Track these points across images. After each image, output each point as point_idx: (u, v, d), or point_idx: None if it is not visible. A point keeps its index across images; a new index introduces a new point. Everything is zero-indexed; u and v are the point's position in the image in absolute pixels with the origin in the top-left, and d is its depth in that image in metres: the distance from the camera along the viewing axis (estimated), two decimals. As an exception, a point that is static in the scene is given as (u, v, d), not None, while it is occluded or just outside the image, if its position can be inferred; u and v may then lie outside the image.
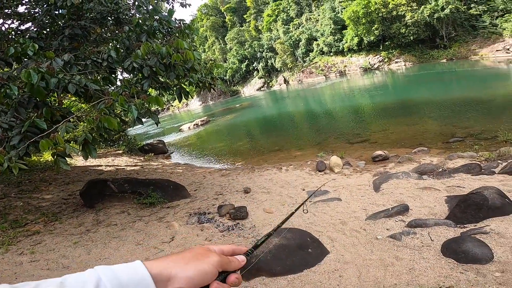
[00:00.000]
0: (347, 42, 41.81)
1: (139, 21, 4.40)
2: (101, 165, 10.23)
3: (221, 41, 64.14)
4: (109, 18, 5.10)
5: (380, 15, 36.58)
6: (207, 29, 65.47)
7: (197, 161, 11.82)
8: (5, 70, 3.98)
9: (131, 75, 4.55)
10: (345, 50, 43.05)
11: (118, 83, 4.95)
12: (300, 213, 4.53)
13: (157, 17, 4.58)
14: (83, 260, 3.78)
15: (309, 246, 3.22)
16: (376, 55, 40.09)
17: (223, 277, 0.54)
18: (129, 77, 5.05)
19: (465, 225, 3.13)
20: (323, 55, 46.43)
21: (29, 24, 5.42)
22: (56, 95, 3.86)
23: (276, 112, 23.77)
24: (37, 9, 5.29)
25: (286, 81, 50.54)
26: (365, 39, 39.31)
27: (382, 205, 4.25)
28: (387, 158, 7.34)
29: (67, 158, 3.06)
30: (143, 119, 3.85)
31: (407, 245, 3.01)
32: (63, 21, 5.02)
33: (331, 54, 45.34)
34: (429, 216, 3.60)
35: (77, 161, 10.62)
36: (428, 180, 5.08)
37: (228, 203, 5.27)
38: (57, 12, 4.83)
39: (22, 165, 2.72)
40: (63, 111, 3.68)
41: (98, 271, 0.44)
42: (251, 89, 55.18)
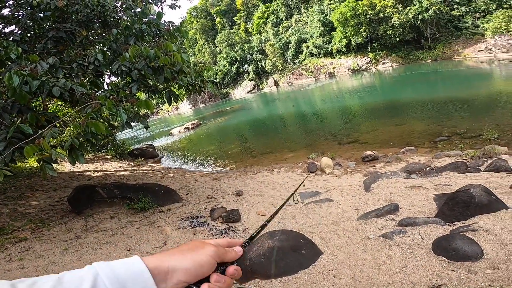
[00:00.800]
0: (335, 44, 42.46)
1: (128, 24, 4.34)
2: (89, 171, 10.00)
3: (211, 43, 64.03)
4: (95, 21, 5.01)
5: (367, 17, 37.37)
6: (197, 32, 65.28)
7: (188, 164, 11.71)
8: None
9: (119, 78, 4.47)
10: (333, 52, 43.69)
11: (105, 87, 4.86)
12: (292, 214, 4.54)
13: (145, 20, 4.53)
14: (73, 266, 3.70)
15: (303, 247, 3.22)
16: (364, 57, 40.84)
17: (222, 269, 0.54)
18: (117, 80, 4.97)
19: (454, 223, 3.19)
20: (313, 57, 46.98)
21: (13, 27, 5.27)
22: (41, 100, 3.76)
23: (267, 114, 23.85)
24: (21, 11, 5.15)
25: (276, 83, 50.83)
26: (353, 40, 40.02)
27: (373, 205, 4.29)
28: (377, 158, 7.44)
29: (53, 164, 2.97)
30: (132, 124, 3.79)
31: (399, 244, 3.05)
32: (47, 24, 4.90)
33: (320, 56, 45.93)
34: (418, 214, 3.66)
35: (64, 166, 10.35)
36: (416, 179, 5.18)
37: (220, 207, 5.23)
38: (42, 14, 4.71)
39: (7, 171, 2.63)
40: (49, 116, 3.58)
41: (96, 267, 0.44)
42: (242, 92, 55.22)
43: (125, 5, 5.08)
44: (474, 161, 5.65)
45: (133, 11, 5.02)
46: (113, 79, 5.56)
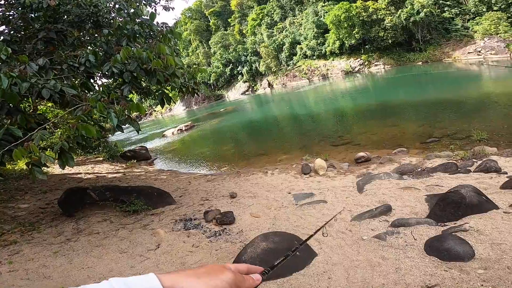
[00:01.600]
0: (329, 45, 42.80)
1: (120, 25, 4.29)
2: (80, 173, 9.84)
3: (205, 45, 63.87)
4: (87, 21, 4.94)
5: (360, 19, 37.79)
6: (191, 33, 65.06)
7: (182, 167, 11.62)
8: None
9: (111, 80, 4.42)
10: (327, 53, 44.03)
11: (96, 88, 4.79)
12: (286, 216, 4.55)
13: (138, 21, 4.49)
14: (64, 269, 3.64)
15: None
16: (357, 59, 41.26)
17: None
18: (109, 82, 4.91)
19: (445, 223, 3.24)
20: (306, 59, 47.26)
21: (3, 27, 5.16)
22: (31, 101, 3.68)
23: (261, 116, 23.87)
24: (12, 11, 5.05)
25: (270, 85, 50.95)
26: (346, 42, 40.40)
27: (366, 206, 4.32)
28: (369, 159, 7.51)
29: (43, 167, 2.91)
30: (124, 126, 3.74)
31: (392, 244, 3.07)
32: (38, 24, 4.82)
33: (314, 57, 46.22)
34: (411, 215, 3.70)
35: (54, 169, 10.16)
36: (408, 180, 5.24)
37: (214, 209, 5.20)
38: (33, 15, 4.63)
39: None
40: (38, 118, 3.51)
41: (112, 283, 0.44)
42: (236, 93, 55.18)
43: (118, 6, 5.03)
44: (464, 162, 5.74)
45: (126, 11, 4.97)
46: (105, 80, 5.50)
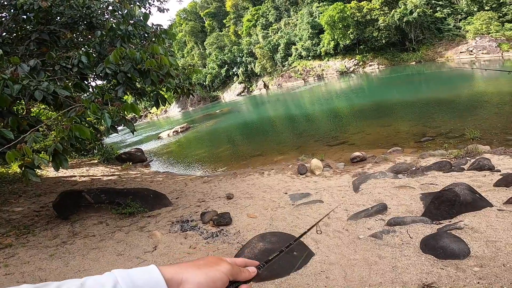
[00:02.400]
0: (324, 46, 43.03)
1: (113, 25, 4.26)
2: (75, 176, 9.73)
3: (200, 46, 63.73)
4: (80, 22, 4.90)
5: (355, 19, 38.08)
6: (186, 34, 64.85)
7: (178, 168, 11.57)
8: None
9: (105, 81, 4.38)
10: (322, 54, 44.26)
11: (90, 89, 4.75)
12: (283, 216, 4.55)
13: (131, 22, 4.46)
14: (61, 272, 3.60)
15: (294, 249, 3.22)
16: (351, 59, 41.56)
17: (234, 287, 0.55)
18: (103, 83, 4.87)
19: (440, 221, 3.26)
20: (302, 59, 47.44)
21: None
22: (23, 103, 3.63)
23: (256, 117, 23.87)
24: (4, 13, 4.99)
25: (266, 86, 51.01)
26: (341, 43, 40.67)
27: (362, 205, 4.35)
28: (365, 159, 7.56)
29: (36, 169, 2.87)
30: (119, 128, 3.70)
31: (388, 243, 3.09)
32: (31, 25, 4.76)
33: (309, 58, 46.42)
34: (406, 214, 3.73)
35: (48, 172, 10.04)
36: (403, 178, 5.28)
37: (211, 210, 5.18)
38: (25, 16, 4.57)
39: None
40: (31, 120, 3.47)
41: (115, 274, 0.46)
42: (231, 94, 55.13)
43: (111, 7, 4.99)
44: (458, 160, 5.81)
45: (120, 13, 4.94)
46: (98, 82, 5.45)
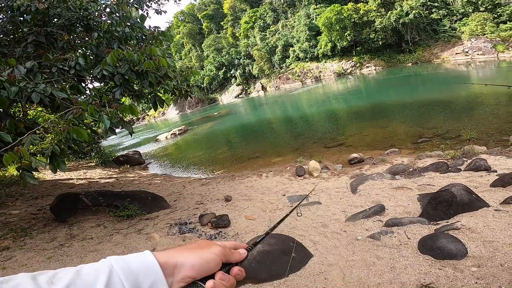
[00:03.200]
0: (321, 48, 43.19)
1: (110, 27, 4.25)
2: (72, 178, 9.68)
3: (198, 48, 63.75)
4: (78, 24, 4.89)
5: (352, 21, 38.28)
6: (184, 36, 64.87)
7: (176, 171, 11.54)
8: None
9: (102, 83, 4.37)
10: (319, 56, 44.42)
11: (88, 92, 4.74)
12: (280, 218, 4.56)
13: (128, 24, 4.46)
14: (58, 274, 3.56)
15: (293, 250, 3.22)
16: (348, 61, 41.75)
17: (227, 269, 0.56)
18: (100, 85, 4.86)
19: (437, 222, 3.28)
20: (299, 61, 47.58)
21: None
22: (20, 105, 3.62)
23: (254, 119, 23.89)
24: (1, 15, 4.97)
25: (263, 88, 51.06)
26: (338, 44, 40.86)
27: (360, 206, 4.36)
28: (362, 160, 7.59)
29: (34, 172, 2.86)
30: (117, 130, 3.69)
31: (386, 244, 3.10)
32: (28, 27, 4.75)
33: (307, 60, 46.57)
34: (404, 214, 3.74)
35: (46, 174, 9.98)
36: (400, 180, 5.30)
37: (209, 212, 5.17)
38: (22, 18, 4.56)
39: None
40: (28, 122, 3.45)
41: (110, 260, 0.47)
42: (229, 97, 55.13)
43: (109, 9, 4.99)
44: (454, 161, 5.84)
45: (117, 15, 4.94)
46: (96, 84, 5.44)
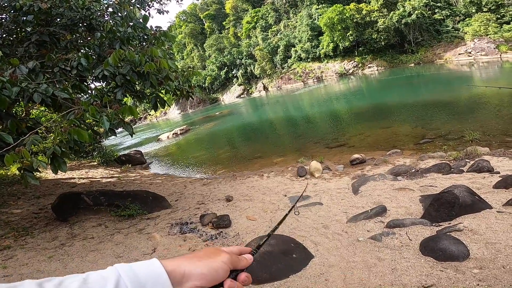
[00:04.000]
0: (323, 48, 43.10)
1: (113, 27, 4.26)
2: (74, 178, 9.71)
3: (200, 48, 63.81)
4: (80, 24, 4.90)
5: (354, 21, 38.17)
6: (186, 36, 64.93)
7: (177, 171, 11.55)
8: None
9: (104, 83, 4.37)
10: (321, 56, 44.33)
11: (89, 91, 4.75)
12: (281, 218, 4.54)
13: (131, 24, 4.46)
14: (59, 274, 3.57)
15: (294, 251, 3.21)
16: (350, 61, 41.64)
17: (234, 276, 0.56)
18: (102, 85, 4.87)
19: (440, 223, 3.26)
20: (301, 61, 47.50)
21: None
22: (23, 105, 3.63)
23: (256, 119, 23.88)
24: (4, 14, 4.99)
25: (265, 88, 51.04)
26: (340, 45, 40.75)
27: (361, 207, 4.34)
28: (364, 161, 7.56)
29: (35, 172, 2.86)
30: (118, 130, 3.70)
31: (388, 245, 3.08)
32: (30, 27, 4.77)
33: (309, 60, 46.48)
34: (405, 216, 3.72)
35: (48, 174, 10.02)
36: (402, 181, 5.28)
37: (210, 212, 5.17)
38: (24, 18, 4.58)
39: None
40: (30, 122, 3.46)
41: (117, 268, 0.46)
42: (231, 97, 55.14)
43: (111, 9, 5.00)
44: (457, 162, 5.81)
45: (119, 15, 4.95)
46: (97, 84, 5.45)
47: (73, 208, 5.52)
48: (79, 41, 5.46)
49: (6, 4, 4.75)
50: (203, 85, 57.72)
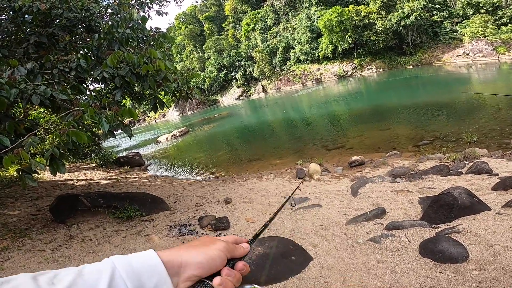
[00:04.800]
0: (322, 50, 43.21)
1: (111, 29, 4.26)
2: (72, 179, 9.68)
3: (199, 49, 63.88)
4: (79, 25, 4.90)
5: (353, 23, 38.31)
6: (185, 38, 65.00)
7: (176, 172, 11.53)
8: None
9: (102, 85, 4.37)
10: (320, 58, 44.44)
11: (88, 92, 4.74)
12: (281, 221, 4.53)
13: (130, 25, 4.47)
14: (56, 276, 3.54)
15: (292, 253, 3.21)
16: (349, 63, 41.76)
17: (232, 265, 0.55)
18: (101, 87, 4.86)
19: (439, 225, 3.26)
20: (300, 63, 47.59)
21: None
22: (21, 106, 3.62)
23: (255, 121, 23.89)
24: (4, 15, 4.99)
25: (264, 90, 51.10)
26: (339, 47, 40.87)
27: (360, 209, 4.34)
28: (363, 163, 7.56)
29: (33, 173, 2.85)
30: (117, 131, 3.69)
31: (387, 247, 3.08)
32: (29, 28, 4.76)
33: (308, 62, 46.58)
34: (404, 217, 3.72)
35: (46, 175, 9.98)
36: (401, 182, 5.28)
37: (209, 214, 5.16)
38: (23, 19, 4.58)
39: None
40: (29, 124, 3.45)
41: (113, 260, 0.46)
42: (230, 98, 55.18)
43: (110, 10, 5.00)
44: (456, 164, 5.82)
45: (119, 16, 4.95)
46: (96, 85, 5.45)
47: (71, 209, 5.49)
48: (78, 43, 5.46)
49: (5, 4, 4.74)
50: (202, 87, 57.76)
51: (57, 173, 2.99)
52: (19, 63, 3.34)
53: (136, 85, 4.24)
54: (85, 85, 4.60)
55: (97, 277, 0.43)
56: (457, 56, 31.31)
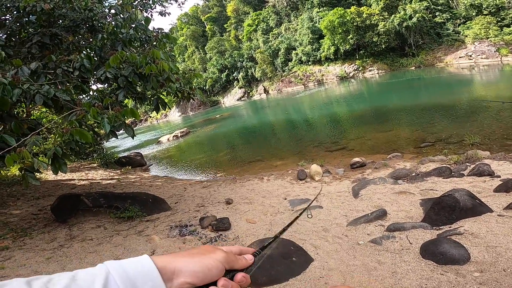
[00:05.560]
0: (324, 51, 43.23)
1: (115, 29, 4.29)
2: (74, 179, 9.72)
3: (201, 50, 64.06)
4: (82, 25, 4.93)
5: (355, 25, 38.31)
6: (187, 38, 65.23)
7: (177, 173, 11.55)
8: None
9: (105, 85, 4.39)
10: (322, 59, 44.44)
11: (91, 92, 4.76)
12: (281, 221, 4.53)
13: (133, 25, 4.49)
14: (57, 276, 3.55)
15: (293, 254, 3.20)
16: (351, 64, 41.74)
17: (231, 276, 0.54)
18: (103, 87, 4.88)
19: (440, 227, 3.25)
20: (302, 64, 47.62)
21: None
22: (24, 106, 3.64)
23: (256, 122, 23.90)
24: (8, 15, 5.02)
25: (266, 91, 51.13)
26: (341, 48, 40.87)
27: (361, 211, 4.33)
28: (365, 164, 7.55)
29: (36, 172, 2.87)
30: (119, 132, 3.70)
31: (388, 249, 3.07)
32: (33, 28, 4.80)
33: (309, 63, 46.60)
34: (406, 219, 3.71)
35: (48, 175, 10.02)
36: (403, 184, 5.27)
37: (210, 215, 5.16)
38: (27, 18, 4.61)
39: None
40: (31, 123, 3.47)
41: (107, 265, 0.45)
42: (232, 99, 55.24)
43: (113, 10, 5.03)
44: (457, 166, 5.80)
45: (122, 17, 4.97)
46: (100, 86, 5.47)
47: (72, 209, 5.51)
48: (81, 43, 5.49)
49: (9, 4, 4.78)
50: (204, 88, 57.87)
51: (59, 172, 3.01)
52: (22, 63, 3.36)
53: (138, 85, 4.27)
54: (88, 85, 4.62)
55: (90, 282, 0.42)
56: (460, 57, 31.25)
